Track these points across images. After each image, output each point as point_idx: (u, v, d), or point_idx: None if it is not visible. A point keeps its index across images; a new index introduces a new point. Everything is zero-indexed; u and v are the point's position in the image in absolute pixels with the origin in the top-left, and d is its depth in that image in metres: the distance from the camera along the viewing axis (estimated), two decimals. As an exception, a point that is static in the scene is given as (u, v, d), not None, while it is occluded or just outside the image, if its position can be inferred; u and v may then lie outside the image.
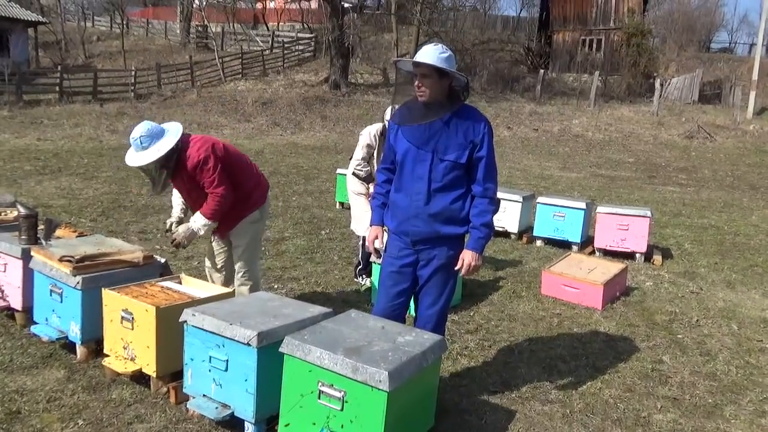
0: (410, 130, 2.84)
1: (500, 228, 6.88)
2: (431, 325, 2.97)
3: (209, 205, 3.48)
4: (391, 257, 3.00)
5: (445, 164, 2.79)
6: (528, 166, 14.21)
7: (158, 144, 3.38)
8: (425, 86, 2.73)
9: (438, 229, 2.85)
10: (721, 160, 16.75)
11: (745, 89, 23.56)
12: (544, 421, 3.02)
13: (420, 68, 2.71)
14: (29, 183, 8.45)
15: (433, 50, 2.71)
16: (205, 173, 3.43)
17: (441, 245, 2.89)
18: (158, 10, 38.19)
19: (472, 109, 2.85)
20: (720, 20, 45.50)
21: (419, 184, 2.83)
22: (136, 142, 3.38)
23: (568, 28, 29.80)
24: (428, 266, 2.93)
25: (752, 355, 4.02)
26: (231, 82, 23.25)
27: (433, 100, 2.75)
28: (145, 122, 3.47)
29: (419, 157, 2.82)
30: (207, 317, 2.71)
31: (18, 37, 24.75)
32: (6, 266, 3.76)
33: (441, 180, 2.81)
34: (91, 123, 15.73)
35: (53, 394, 2.99)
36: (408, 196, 2.88)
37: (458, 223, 2.86)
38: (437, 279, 2.94)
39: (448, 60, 2.71)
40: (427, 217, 2.84)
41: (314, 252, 5.95)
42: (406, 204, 2.89)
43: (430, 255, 2.91)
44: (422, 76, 2.72)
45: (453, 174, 2.81)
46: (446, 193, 2.83)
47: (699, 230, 7.96)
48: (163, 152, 3.35)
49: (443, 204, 2.83)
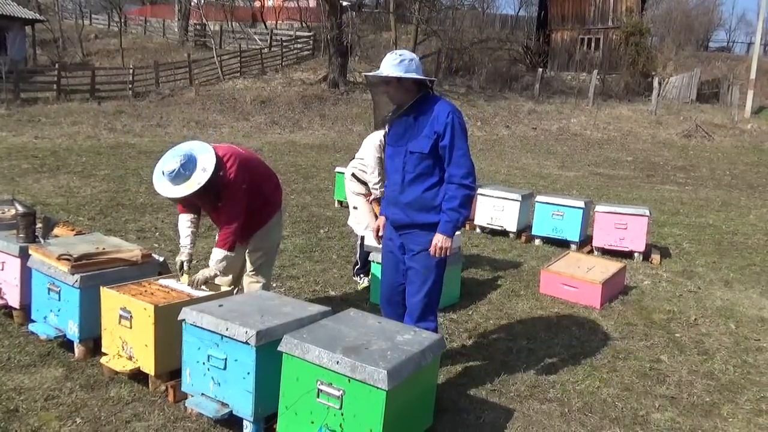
0: (390, 131, 3.14)
1: (499, 227, 6.89)
2: (417, 312, 3.09)
3: (225, 236, 3.31)
4: (386, 239, 3.28)
5: (415, 156, 3.01)
6: (526, 164, 14.22)
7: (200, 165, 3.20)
8: (391, 91, 3.03)
9: (413, 217, 3.06)
10: (719, 159, 16.78)
11: (743, 88, 23.60)
12: (542, 419, 3.03)
13: (377, 79, 3.02)
14: (27, 181, 8.43)
15: (388, 59, 3.00)
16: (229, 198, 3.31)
17: (418, 232, 3.07)
18: (156, 8, 38.10)
19: (438, 102, 3.04)
20: (718, 19, 45.63)
21: (396, 175, 3.10)
22: (177, 173, 3.16)
23: (567, 27, 29.81)
24: (409, 253, 3.12)
25: (750, 354, 4.03)
26: (229, 81, 23.19)
27: (402, 101, 3.02)
28: (172, 151, 3.28)
29: (396, 151, 3.10)
30: (205, 316, 2.71)
31: (15, 35, 24.69)
32: (4, 264, 3.76)
33: (413, 171, 3.03)
34: (89, 121, 15.70)
35: (51, 393, 2.98)
36: (389, 186, 3.18)
37: (432, 210, 3.03)
38: (417, 265, 3.09)
39: (401, 63, 2.96)
40: (403, 205, 3.07)
41: (313, 250, 5.95)
42: (389, 193, 3.19)
43: (409, 241, 3.11)
44: (384, 84, 3.02)
45: (423, 164, 3.01)
46: (419, 183, 3.03)
47: (697, 229, 7.97)
48: (210, 171, 3.17)
49: (415, 193, 3.04)
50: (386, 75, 2.95)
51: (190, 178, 3.19)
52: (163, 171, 3.20)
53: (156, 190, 3.25)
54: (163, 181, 3.23)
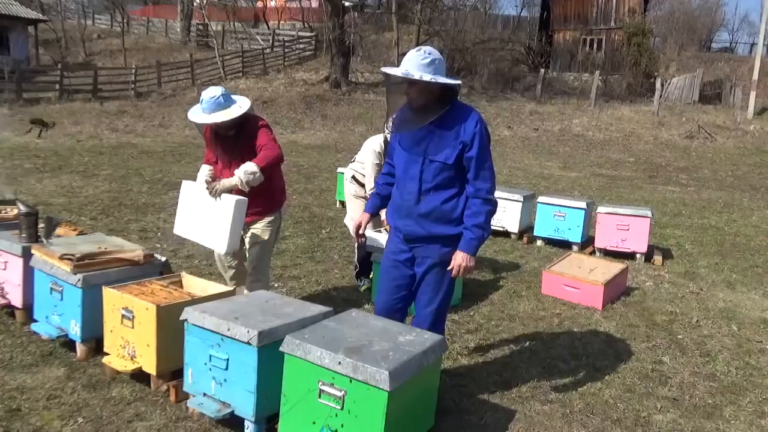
0: (404, 134, 2.88)
1: (500, 228, 6.88)
2: (427, 324, 2.99)
3: (263, 156, 3.50)
4: (389, 252, 3.06)
5: (435, 165, 2.80)
6: (528, 165, 14.21)
7: (238, 102, 3.53)
8: (414, 93, 2.74)
9: (429, 229, 2.86)
10: (722, 160, 16.75)
11: (745, 89, 23.54)
12: (544, 420, 3.02)
13: (400, 78, 2.73)
14: (29, 181, 8.44)
15: (415, 57, 2.70)
16: (265, 135, 3.56)
17: (434, 244, 2.89)
18: (159, 9, 38.13)
19: (464, 108, 2.83)
20: (720, 20, 45.49)
21: (411, 184, 2.87)
22: (217, 101, 3.45)
23: (569, 28, 29.79)
24: (422, 264, 2.96)
25: (752, 356, 4.02)
26: (231, 81, 23.22)
27: (424, 104, 2.75)
28: (212, 87, 3.61)
29: (412, 158, 2.86)
30: (207, 316, 2.71)
31: (18, 35, 24.74)
32: (6, 264, 3.76)
33: (432, 181, 2.82)
34: (92, 121, 15.73)
35: (53, 392, 2.99)
36: (402, 195, 2.93)
37: (451, 222, 2.86)
38: (431, 278, 2.95)
39: (431, 65, 2.69)
40: (418, 216, 2.87)
41: (315, 251, 5.95)
42: (400, 202, 2.94)
43: (423, 253, 2.93)
44: (409, 83, 2.73)
45: (444, 175, 2.81)
46: (438, 193, 2.83)
47: (699, 230, 7.96)
48: (245, 108, 3.49)
49: (433, 204, 2.84)
50: (414, 77, 2.65)
51: (228, 108, 3.47)
52: (203, 99, 3.47)
53: (190, 120, 3.55)
54: (199, 112, 3.50)
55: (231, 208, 3.42)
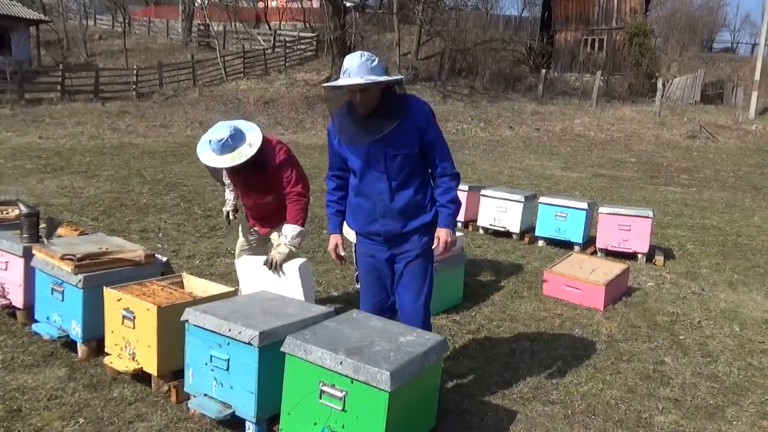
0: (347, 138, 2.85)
1: (502, 228, 6.88)
2: (420, 320, 2.98)
3: (293, 210, 3.50)
4: (364, 256, 3.05)
5: (399, 159, 2.82)
6: (530, 165, 14.20)
7: (248, 139, 3.39)
8: (366, 100, 2.70)
9: (409, 224, 2.91)
10: (723, 160, 16.72)
11: (747, 89, 23.54)
12: (545, 421, 3.02)
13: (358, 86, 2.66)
14: (31, 181, 8.45)
15: (364, 63, 2.67)
16: (285, 172, 3.50)
17: (413, 236, 2.94)
18: (160, 9, 38.18)
19: (404, 97, 2.79)
20: (722, 20, 45.43)
21: (380, 184, 2.87)
22: (225, 143, 3.32)
23: (570, 28, 29.77)
24: (403, 259, 2.97)
25: (754, 357, 4.01)
26: (233, 81, 23.24)
27: (373, 110, 2.73)
28: (222, 123, 3.44)
29: (372, 158, 2.83)
30: (208, 316, 2.71)
31: (20, 36, 24.76)
32: (7, 264, 3.77)
33: (399, 175, 2.85)
34: (93, 121, 15.74)
35: (54, 393, 2.99)
36: (370, 198, 2.91)
37: (425, 210, 2.92)
38: (415, 270, 2.97)
39: (377, 67, 2.70)
40: (396, 214, 2.89)
41: (315, 251, 5.95)
42: (369, 207, 2.92)
43: (405, 248, 2.96)
44: (361, 91, 2.68)
45: (408, 166, 2.85)
46: (407, 186, 2.88)
47: (701, 231, 7.95)
48: (256, 146, 3.36)
49: (407, 197, 2.88)
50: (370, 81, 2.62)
51: (237, 149, 3.34)
52: (211, 140, 3.34)
53: (199, 159, 3.41)
54: (208, 151, 3.38)
55: (297, 276, 3.43)
